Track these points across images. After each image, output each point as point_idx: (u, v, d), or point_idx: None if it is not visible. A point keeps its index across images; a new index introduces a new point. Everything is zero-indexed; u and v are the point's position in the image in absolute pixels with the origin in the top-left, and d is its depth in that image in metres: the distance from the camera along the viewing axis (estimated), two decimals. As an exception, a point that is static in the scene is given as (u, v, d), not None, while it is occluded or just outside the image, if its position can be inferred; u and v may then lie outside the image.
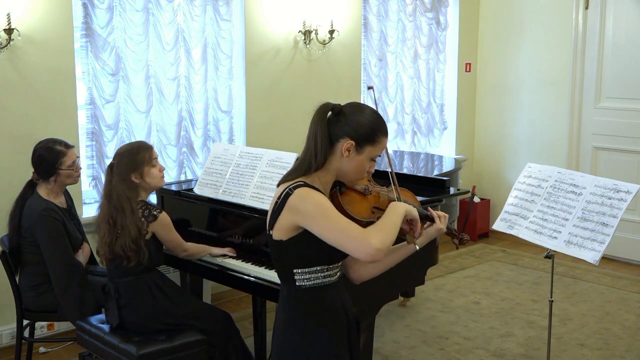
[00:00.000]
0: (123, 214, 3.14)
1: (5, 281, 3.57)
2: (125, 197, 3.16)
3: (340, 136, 2.11)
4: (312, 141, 2.12)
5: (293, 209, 2.06)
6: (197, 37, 4.83)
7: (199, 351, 3.17)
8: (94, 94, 4.40)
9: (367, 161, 2.15)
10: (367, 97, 5.88)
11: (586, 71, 6.11)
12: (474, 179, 6.91)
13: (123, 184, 3.19)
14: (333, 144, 2.12)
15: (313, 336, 2.16)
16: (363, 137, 2.11)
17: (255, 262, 3.36)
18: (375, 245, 1.99)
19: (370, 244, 1.99)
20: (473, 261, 6.03)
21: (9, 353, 4.01)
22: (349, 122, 2.11)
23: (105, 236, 3.16)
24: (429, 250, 3.48)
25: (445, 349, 4.23)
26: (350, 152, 2.11)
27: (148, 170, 3.27)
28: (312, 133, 2.12)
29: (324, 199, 2.07)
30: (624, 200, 3.02)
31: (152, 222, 3.19)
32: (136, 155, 3.26)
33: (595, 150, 6.13)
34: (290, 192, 2.07)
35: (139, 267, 3.18)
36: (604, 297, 5.13)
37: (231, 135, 5.13)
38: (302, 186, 2.08)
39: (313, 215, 2.04)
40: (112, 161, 3.28)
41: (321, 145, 2.10)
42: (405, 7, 6.21)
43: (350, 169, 2.14)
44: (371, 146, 2.13)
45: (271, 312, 3.87)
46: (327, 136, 2.11)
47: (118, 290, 3.22)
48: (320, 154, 2.11)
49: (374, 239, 2.00)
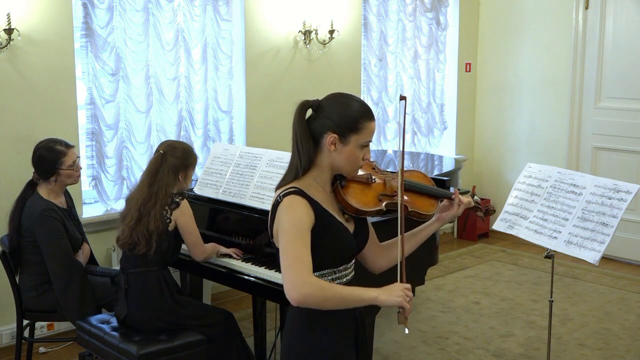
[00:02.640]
0: (155, 203, 3.15)
1: (5, 281, 3.57)
2: (165, 189, 3.18)
3: (323, 132, 2.06)
4: (294, 144, 2.08)
5: (277, 218, 2.04)
6: (197, 37, 4.83)
7: (199, 351, 3.17)
8: (94, 94, 4.40)
9: (357, 150, 2.08)
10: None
11: (586, 71, 6.11)
12: (474, 179, 6.92)
13: (171, 176, 3.22)
14: (318, 141, 2.08)
15: (321, 342, 2.14)
16: (345, 127, 2.05)
17: (255, 262, 3.36)
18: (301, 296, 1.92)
19: (295, 293, 1.92)
20: (473, 261, 6.03)
21: (9, 353, 4.01)
22: (328, 115, 2.07)
23: (132, 221, 3.15)
24: (429, 250, 3.49)
25: (445, 349, 4.23)
26: (336, 145, 2.06)
27: (190, 173, 3.34)
28: (293, 134, 2.08)
29: (304, 220, 2.00)
30: (624, 200, 3.01)
31: (175, 209, 3.19)
32: (190, 156, 3.33)
33: (595, 150, 6.13)
34: (280, 199, 2.04)
35: (149, 259, 3.17)
36: (604, 297, 5.13)
37: (231, 135, 5.13)
38: (292, 194, 2.03)
39: (282, 230, 2.00)
40: (163, 151, 3.26)
41: (302, 145, 2.06)
42: (405, 7, 6.21)
43: (342, 162, 2.09)
44: (356, 134, 2.06)
45: (271, 312, 3.89)
46: (309, 135, 2.07)
47: (128, 280, 3.21)
48: (304, 154, 2.07)
49: (305, 289, 1.92)
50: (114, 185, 4.56)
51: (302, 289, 1.92)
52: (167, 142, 3.38)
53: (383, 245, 2.33)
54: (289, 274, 1.95)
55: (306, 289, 1.92)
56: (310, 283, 1.94)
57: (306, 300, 1.94)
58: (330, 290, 1.96)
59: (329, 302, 1.97)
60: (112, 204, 4.54)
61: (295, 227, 1.98)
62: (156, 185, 3.18)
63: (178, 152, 3.27)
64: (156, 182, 3.19)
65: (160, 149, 3.29)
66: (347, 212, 2.16)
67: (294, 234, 1.98)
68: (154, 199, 3.16)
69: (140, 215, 3.15)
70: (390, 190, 2.19)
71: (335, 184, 2.15)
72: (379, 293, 2.00)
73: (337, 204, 2.16)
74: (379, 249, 2.32)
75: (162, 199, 3.16)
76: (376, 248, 2.32)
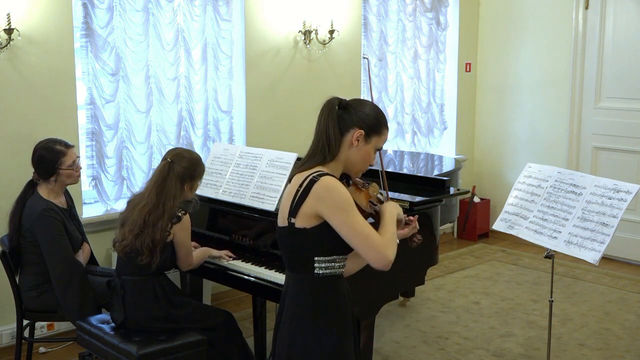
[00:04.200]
0: (162, 214, 3.10)
1: (5, 281, 3.57)
2: (173, 200, 3.14)
3: (350, 126, 2.22)
4: (323, 133, 2.21)
5: (318, 197, 2.10)
6: (197, 37, 4.83)
7: (199, 351, 3.17)
8: (94, 94, 4.40)
9: (372, 152, 2.26)
10: (365, 90, 5.91)
11: (586, 71, 6.11)
12: (474, 179, 6.92)
13: (178, 185, 3.17)
14: (343, 134, 2.22)
15: (323, 335, 2.17)
16: (370, 127, 2.23)
17: (255, 262, 3.36)
18: (390, 257, 2.12)
19: (387, 255, 2.11)
20: (473, 261, 6.03)
21: (9, 353, 4.01)
22: (357, 113, 2.23)
23: (135, 229, 3.10)
24: (429, 250, 3.49)
25: (445, 349, 4.23)
26: (360, 141, 2.22)
27: (197, 185, 3.30)
28: (323, 125, 2.22)
29: (349, 195, 2.14)
30: (624, 200, 3.02)
31: (176, 223, 3.16)
32: (197, 166, 3.27)
33: (595, 150, 6.13)
34: (316, 179, 2.12)
35: (148, 268, 3.14)
36: (604, 297, 5.13)
37: (231, 135, 5.13)
38: (327, 175, 2.14)
39: (338, 208, 2.10)
40: (170, 159, 3.21)
41: (333, 135, 2.20)
42: (405, 7, 6.21)
43: (358, 158, 2.24)
44: (377, 136, 2.25)
45: (271, 312, 3.88)
46: (338, 127, 2.21)
47: (124, 286, 3.20)
48: (334, 143, 2.20)
49: (390, 250, 2.12)
50: (114, 185, 4.56)
51: (387, 250, 2.11)
52: (176, 151, 3.31)
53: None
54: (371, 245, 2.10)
55: (389, 250, 2.13)
56: (385, 243, 2.13)
57: (394, 257, 2.14)
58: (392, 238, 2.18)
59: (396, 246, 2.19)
60: (112, 204, 4.54)
61: (349, 202, 2.12)
62: (164, 195, 3.13)
63: (185, 162, 3.21)
64: (164, 191, 3.13)
65: (168, 157, 3.24)
66: None
67: (352, 208, 2.12)
68: (161, 209, 3.11)
69: (145, 224, 3.10)
70: (374, 197, 2.37)
71: (342, 182, 2.24)
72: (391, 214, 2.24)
73: None
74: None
75: (170, 210, 3.12)
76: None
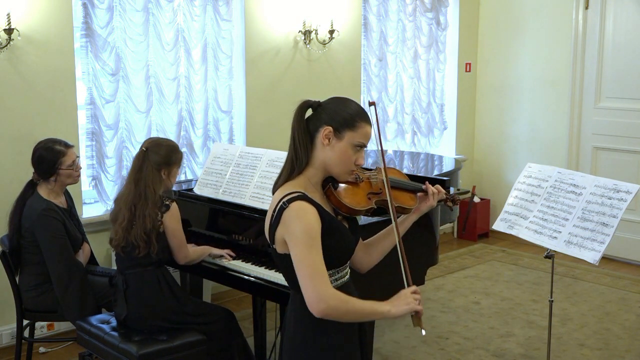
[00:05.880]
0: (145, 203, 3.13)
1: (5, 281, 3.57)
2: (152, 187, 3.16)
3: (319, 126, 2.08)
4: (292, 140, 2.10)
5: (285, 224, 2.00)
6: (197, 37, 4.83)
7: (199, 351, 3.17)
8: (94, 94, 4.40)
9: (350, 149, 2.08)
10: (366, 90, 5.91)
11: (586, 71, 6.11)
12: (474, 179, 6.92)
13: (155, 173, 3.19)
14: (313, 136, 2.09)
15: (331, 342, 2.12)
16: (340, 122, 2.06)
17: (255, 262, 3.36)
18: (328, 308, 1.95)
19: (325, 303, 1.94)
20: (473, 261, 6.03)
21: (9, 353, 4.01)
22: (326, 111, 2.09)
23: (124, 222, 3.14)
24: (429, 250, 3.49)
25: (445, 349, 4.23)
26: (330, 139, 2.07)
27: (175, 171, 3.31)
28: (291, 132, 2.10)
29: (315, 227, 1.99)
30: (624, 200, 3.02)
31: (166, 212, 3.18)
32: (173, 153, 3.29)
33: (595, 150, 6.13)
34: (285, 205, 2.01)
35: (148, 259, 3.17)
36: (604, 297, 5.13)
37: (231, 135, 5.13)
38: (298, 199, 2.01)
39: (295, 239, 1.98)
40: (145, 147, 3.24)
41: (299, 141, 2.08)
42: (405, 7, 6.21)
43: (335, 158, 2.08)
44: (351, 131, 2.06)
45: (271, 312, 3.89)
46: (306, 131, 2.09)
47: (126, 281, 3.21)
48: (301, 150, 2.08)
49: (332, 301, 1.95)
50: (114, 185, 4.55)
51: (329, 301, 1.95)
52: (151, 139, 3.36)
53: (366, 242, 2.36)
54: (312, 286, 1.95)
55: (331, 301, 1.95)
56: (334, 296, 1.96)
57: (330, 313, 1.96)
58: (350, 304, 1.99)
59: (349, 315, 2.01)
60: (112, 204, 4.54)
61: (309, 235, 1.97)
62: (142, 182, 3.16)
63: (162, 150, 3.24)
64: (142, 179, 3.17)
65: (143, 146, 3.27)
66: (340, 213, 2.19)
67: (309, 242, 1.97)
68: (143, 198, 3.14)
69: (132, 216, 3.13)
70: (376, 188, 2.24)
71: (327, 186, 2.16)
72: (390, 306, 2.02)
73: (330, 205, 2.17)
74: (365, 247, 2.34)
75: (152, 198, 3.14)
76: (362, 246, 2.34)
